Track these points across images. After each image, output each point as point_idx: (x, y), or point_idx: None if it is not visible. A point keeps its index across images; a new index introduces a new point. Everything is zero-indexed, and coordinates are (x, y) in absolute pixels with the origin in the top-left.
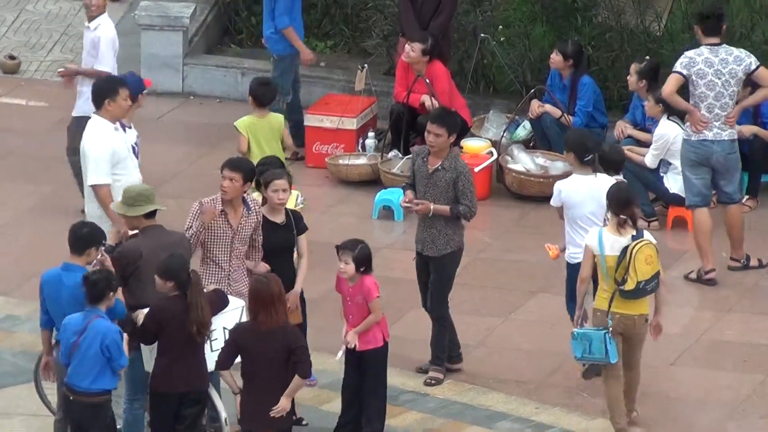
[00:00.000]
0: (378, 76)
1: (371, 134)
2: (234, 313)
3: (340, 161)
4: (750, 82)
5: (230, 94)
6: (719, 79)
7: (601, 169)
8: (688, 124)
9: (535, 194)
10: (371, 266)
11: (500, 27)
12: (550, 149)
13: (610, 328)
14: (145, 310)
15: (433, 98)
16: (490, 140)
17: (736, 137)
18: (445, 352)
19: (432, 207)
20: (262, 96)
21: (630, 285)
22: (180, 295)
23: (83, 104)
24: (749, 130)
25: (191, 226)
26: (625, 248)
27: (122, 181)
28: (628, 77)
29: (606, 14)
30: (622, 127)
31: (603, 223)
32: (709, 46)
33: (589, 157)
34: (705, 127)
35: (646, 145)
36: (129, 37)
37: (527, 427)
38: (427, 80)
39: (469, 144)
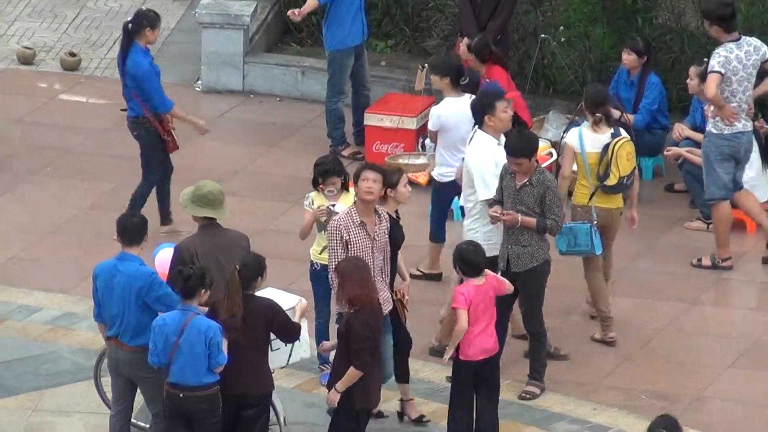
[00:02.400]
0: None
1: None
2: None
3: (400, 160)
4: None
5: (290, 93)
6: (746, 72)
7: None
8: (716, 119)
9: None
10: (467, 271)
11: (561, 28)
12: None
13: (595, 222)
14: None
15: None
16: (550, 141)
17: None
18: (544, 367)
19: (520, 218)
20: None
21: (612, 180)
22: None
23: None
24: None
25: (335, 248)
26: (607, 145)
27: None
28: (689, 80)
29: (666, 16)
30: (680, 129)
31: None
32: (733, 42)
33: (466, 81)
34: (736, 119)
35: None
36: (190, 34)
37: (585, 428)
38: (488, 80)
39: None
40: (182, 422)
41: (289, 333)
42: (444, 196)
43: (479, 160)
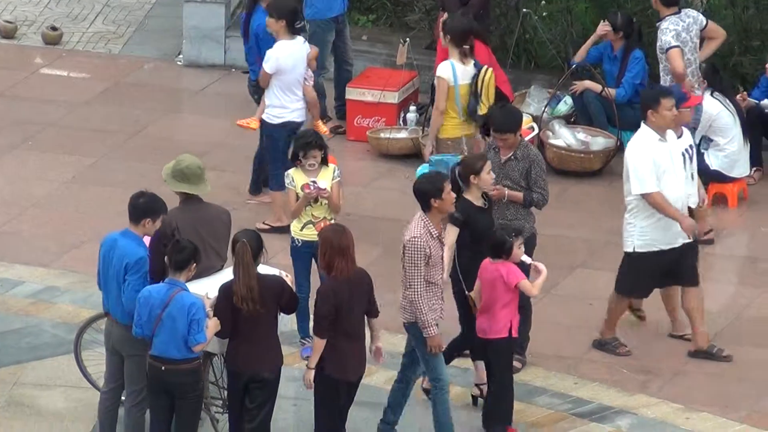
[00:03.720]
0: (420, 51)
1: (412, 108)
2: None
3: (381, 135)
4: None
5: None
6: (692, 42)
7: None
8: None
9: (575, 170)
10: (498, 253)
11: (542, 2)
12: (591, 125)
13: (465, 151)
14: (213, 295)
15: None
16: (532, 115)
17: None
18: (527, 341)
19: (507, 192)
20: None
21: (483, 110)
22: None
23: None
24: None
25: (418, 266)
26: (475, 75)
27: (662, 193)
28: None
29: None
30: None
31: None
32: (675, 15)
33: (300, 24)
34: (693, 90)
35: None
36: (171, 8)
37: (566, 402)
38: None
39: None
40: (164, 395)
41: (294, 305)
42: (277, 138)
43: (635, 154)
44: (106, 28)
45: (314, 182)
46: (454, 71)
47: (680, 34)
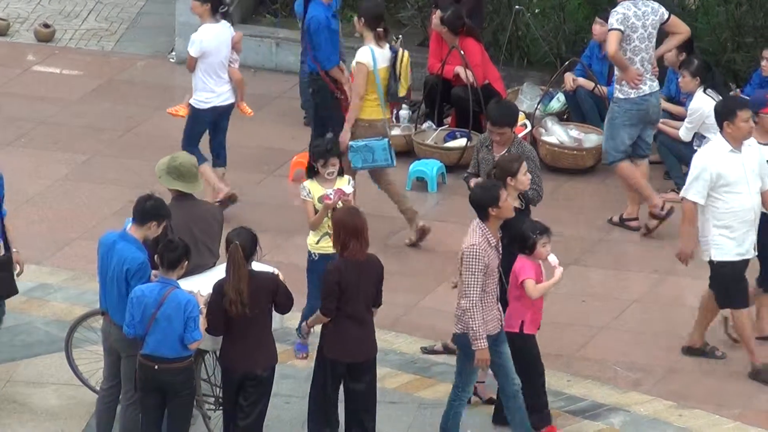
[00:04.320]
0: (412, 48)
1: (405, 105)
2: None
3: None
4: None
5: (264, 64)
6: (645, 31)
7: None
8: (622, 84)
9: (568, 167)
10: (521, 248)
11: None
12: (584, 121)
13: (388, 134)
14: (206, 292)
15: (467, 70)
16: (524, 112)
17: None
18: None
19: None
20: None
21: (403, 91)
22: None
23: None
24: None
25: (476, 275)
26: (394, 58)
27: (730, 204)
28: None
29: None
30: None
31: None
32: (630, 1)
33: (225, 9)
34: (641, 82)
35: (680, 118)
36: (164, 5)
37: (559, 399)
38: (461, 51)
39: None
40: (156, 394)
41: (288, 304)
42: (200, 122)
43: (696, 160)
44: (99, 25)
45: (337, 190)
46: (373, 56)
47: (628, 19)
